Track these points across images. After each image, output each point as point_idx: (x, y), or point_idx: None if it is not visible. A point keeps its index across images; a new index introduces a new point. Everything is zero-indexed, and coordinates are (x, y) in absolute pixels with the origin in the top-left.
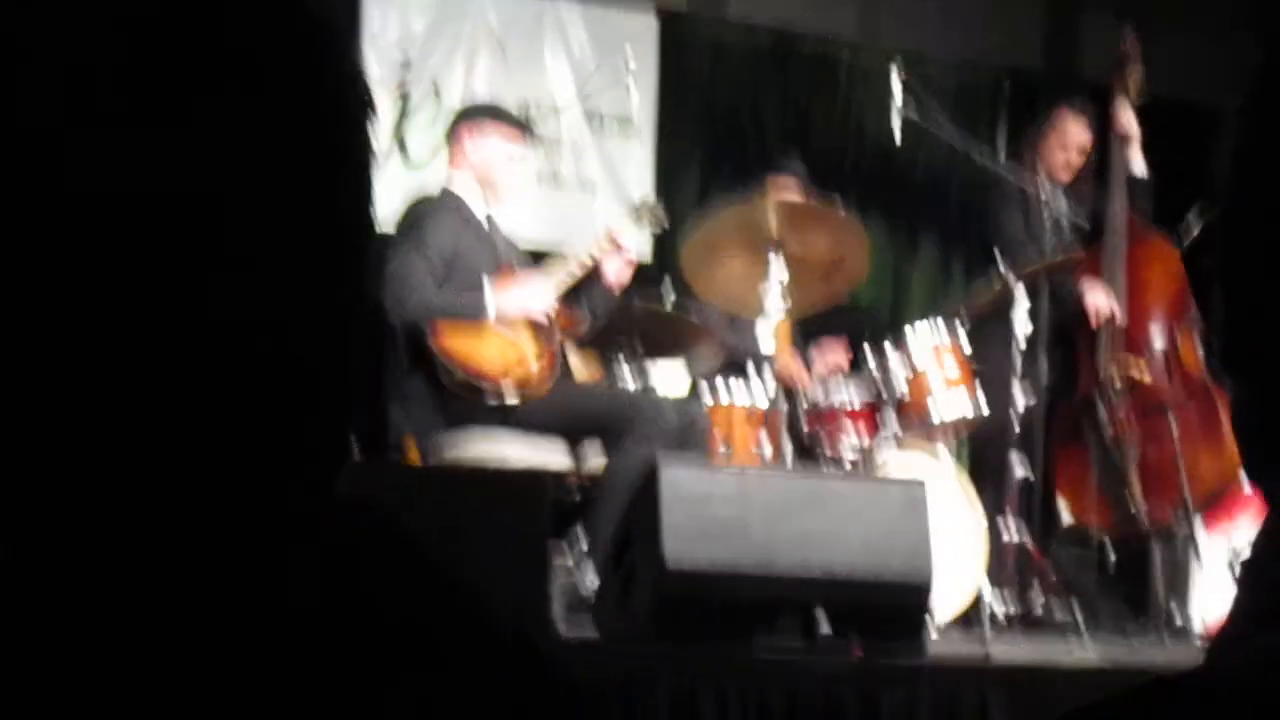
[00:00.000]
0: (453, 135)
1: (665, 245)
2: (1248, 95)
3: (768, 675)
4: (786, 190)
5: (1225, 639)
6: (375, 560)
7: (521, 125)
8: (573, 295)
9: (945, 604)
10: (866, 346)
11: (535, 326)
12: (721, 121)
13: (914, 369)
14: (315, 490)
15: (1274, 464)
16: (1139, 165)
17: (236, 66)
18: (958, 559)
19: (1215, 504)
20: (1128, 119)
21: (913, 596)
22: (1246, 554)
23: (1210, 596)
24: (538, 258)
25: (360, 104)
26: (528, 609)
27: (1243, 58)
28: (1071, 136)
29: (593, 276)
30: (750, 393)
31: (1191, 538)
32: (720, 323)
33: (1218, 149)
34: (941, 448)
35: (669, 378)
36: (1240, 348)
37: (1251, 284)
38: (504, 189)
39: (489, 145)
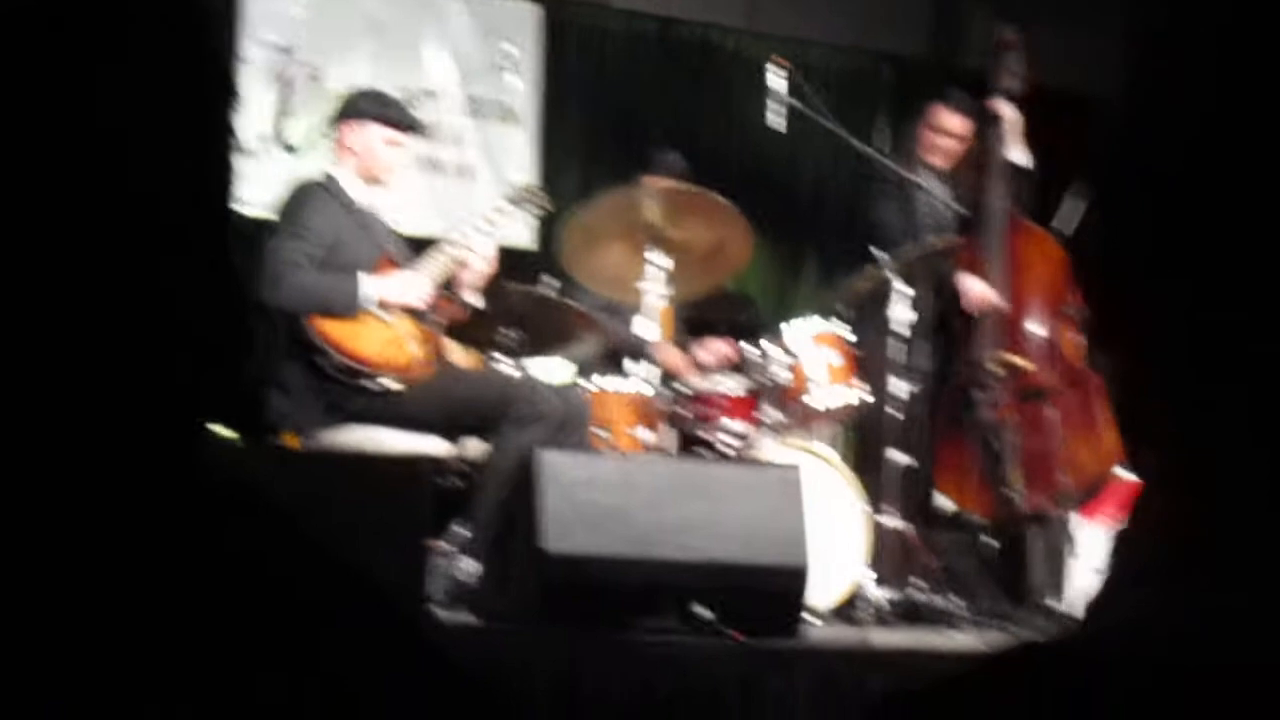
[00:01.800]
0: (335, 129)
1: (547, 233)
2: (1123, 84)
3: (649, 659)
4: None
5: (1097, 604)
6: (244, 532)
7: (406, 123)
8: (450, 281)
9: (826, 592)
10: (747, 336)
11: (414, 312)
12: (604, 109)
13: (795, 357)
14: (179, 462)
15: (1147, 439)
16: (1019, 154)
17: (91, 38)
18: (838, 547)
19: (1094, 492)
20: (1007, 108)
21: (788, 581)
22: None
23: (1087, 583)
24: (418, 245)
25: (219, 83)
26: (406, 595)
27: (1122, 48)
28: (946, 125)
29: (470, 263)
30: (631, 380)
31: (1067, 525)
32: (601, 310)
33: (1095, 136)
34: (822, 436)
35: (550, 364)
36: (1114, 326)
37: (1125, 265)
38: (384, 174)
39: (369, 135)
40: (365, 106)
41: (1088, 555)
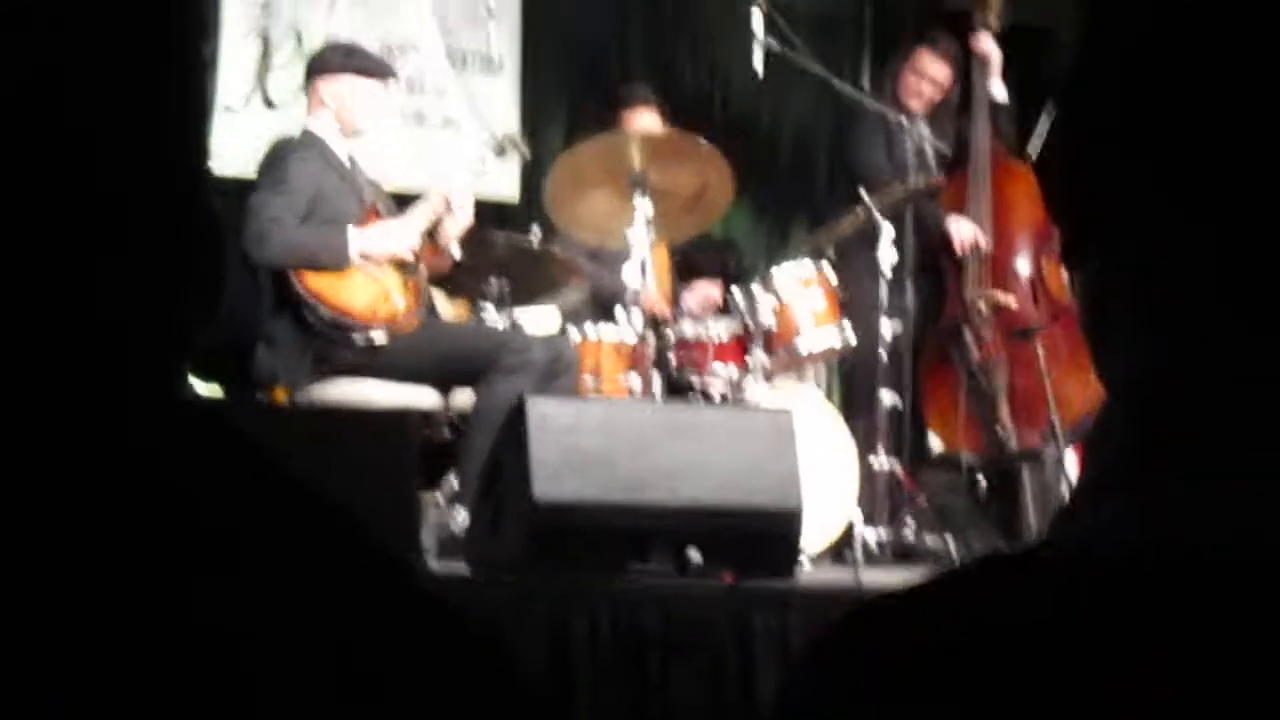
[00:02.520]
0: (309, 83)
1: (531, 182)
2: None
3: (640, 602)
4: (643, 118)
5: (1065, 512)
6: (223, 467)
7: (381, 72)
8: (434, 231)
9: (817, 535)
10: (733, 281)
11: (399, 262)
12: (586, 55)
13: (780, 300)
14: (156, 401)
15: (1110, 345)
16: (1000, 91)
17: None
18: (828, 489)
19: (1084, 426)
20: (988, 45)
21: (783, 524)
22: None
23: None
24: (403, 199)
25: (183, 8)
26: (397, 546)
27: None
28: (929, 70)
29: (453, 212)
30: (618, 327)
31: (1060, 461)
32: (586, 257)
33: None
34: (810, 378)
35: (537, 314)
36: (1079, 235)
37: (1088, 167)
38: (363, 124)
39: (344, 85)
40: (338, 59)
41: None
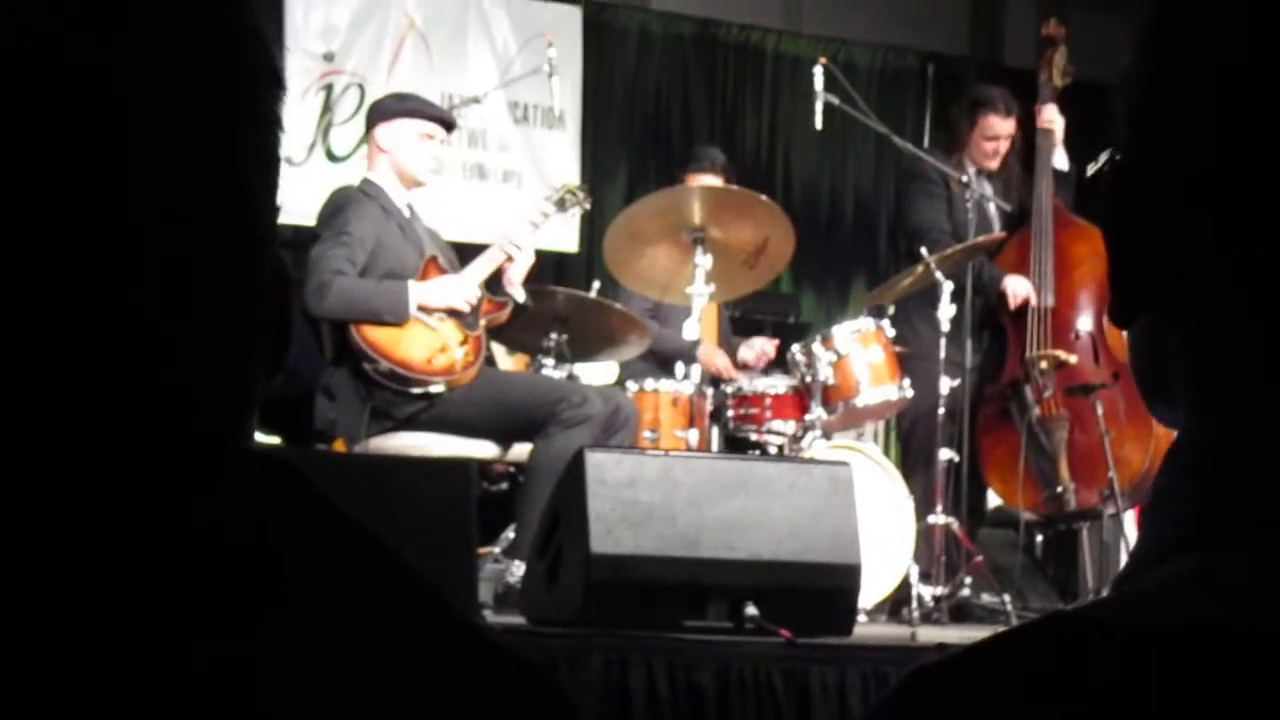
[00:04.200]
0: (368, 132)
1: (592, 236)
2: (1138, 42)
3: (696, 656)
4: (706, 182)
5: (1127, 572)
6: (288, 511)
7: (435, 115)
8: (494, 282)
9: (873, 588)
10: (792, 336)
11: (458, 313)
12: (647, 111)
13: (839, 356)
14: (218, 448)
15: (1167, 401)
16: (1061, 159)
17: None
18: (885, 543)
19: (1143, 486)
20: (1052, 116)
21: (841, 579)
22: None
23: None
24: (465, 251)
25: (260, 65)
26: (455, 598)
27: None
28: (999, 131)
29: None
30: (676, 379)
31: (1119, 521)
32: (646, 312)
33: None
34: (868, 434)
35: (596, 367)
36: (1131, 288)
37: (1141, 223)
38: (420, 172)
39: (400, 131)
40: (393, 106)
41: None
